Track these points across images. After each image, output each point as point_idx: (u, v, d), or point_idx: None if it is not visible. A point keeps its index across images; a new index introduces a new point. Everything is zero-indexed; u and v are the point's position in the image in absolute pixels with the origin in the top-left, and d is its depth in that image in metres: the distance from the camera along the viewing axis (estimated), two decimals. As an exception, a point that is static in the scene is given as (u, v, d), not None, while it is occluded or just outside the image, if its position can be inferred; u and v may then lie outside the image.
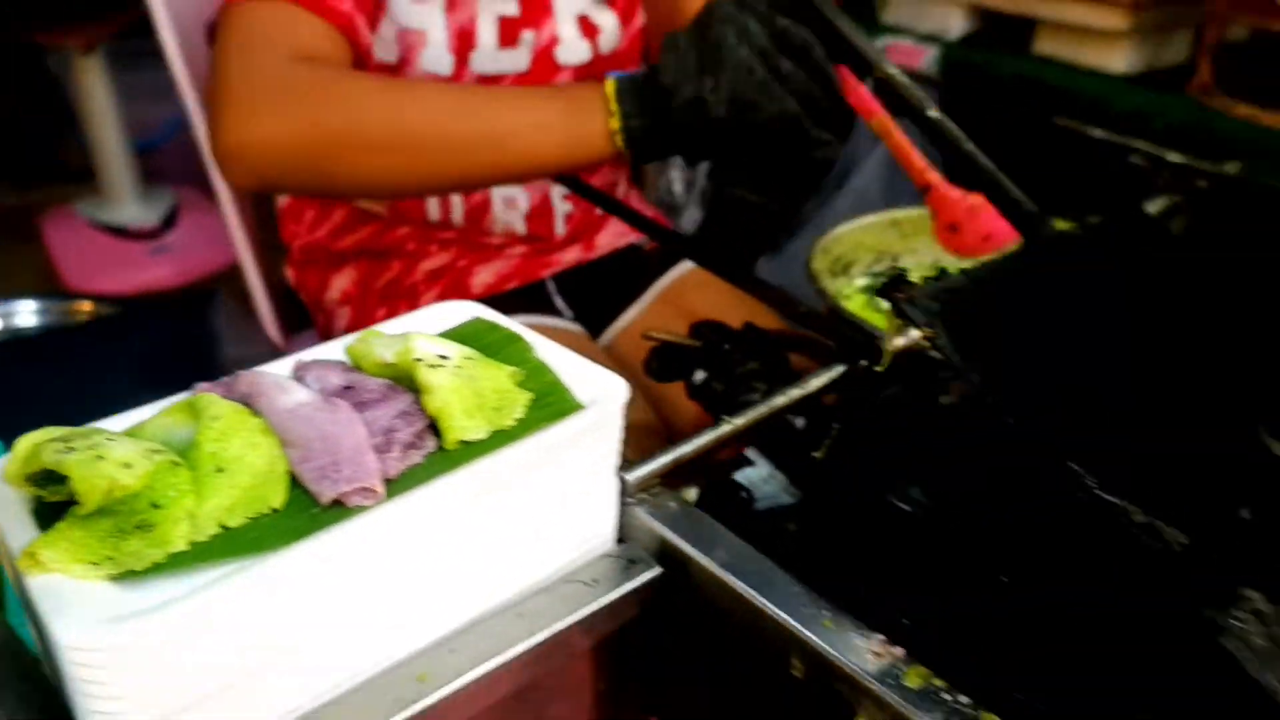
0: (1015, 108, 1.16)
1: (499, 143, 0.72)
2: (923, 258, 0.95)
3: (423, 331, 0.53)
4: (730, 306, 0.89)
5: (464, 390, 0.47)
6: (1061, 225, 0.76)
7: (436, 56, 0.87)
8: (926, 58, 1.33)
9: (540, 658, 0.46)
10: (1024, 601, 0.47)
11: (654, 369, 0.84)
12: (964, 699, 0.42)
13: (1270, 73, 1.28)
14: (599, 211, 1.07)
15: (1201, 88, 1.21)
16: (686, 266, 1.08)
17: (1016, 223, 0.53)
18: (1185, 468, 0.45)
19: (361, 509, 0.41)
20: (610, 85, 0.70)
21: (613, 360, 1.03)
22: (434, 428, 0.47)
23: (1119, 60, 1.29)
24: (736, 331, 0.82)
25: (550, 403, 0.48)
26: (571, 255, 1.06)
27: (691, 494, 0.60)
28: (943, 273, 0.48)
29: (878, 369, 0.58)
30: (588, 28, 0.95)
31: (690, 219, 1.61)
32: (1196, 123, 1.16)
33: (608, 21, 0.96)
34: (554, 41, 0.93)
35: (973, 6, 1.38)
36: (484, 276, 1.01)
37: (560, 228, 1.03)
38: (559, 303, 1.06)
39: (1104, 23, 1.26)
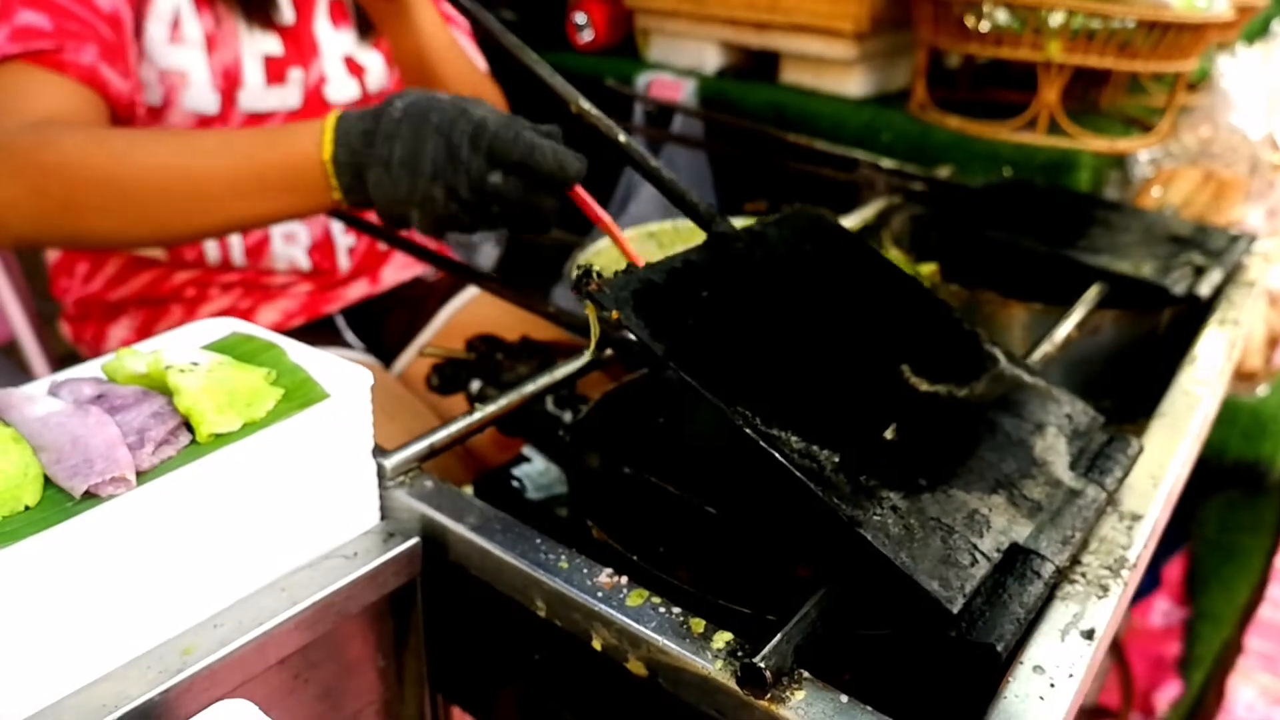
0: (763, 130, 1.29)
1: (212, 196, 0.74)
2: (681, 265, 1.04)
3: (178, 345, 0.56)
4: (511, 325, 0.96)
5: (215, 389, 0.52)
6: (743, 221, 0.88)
7: (201, 96, 0.91)
8: (685, 90, 1.45)
9: (303, 626, 0.50)
10: (721, 528, 0.54)
11: (435, 384, 0.90)
12: (676, 609, 0.49)
13: (975, 92, 1.47)
14: (382, 245, 1.11)
15: (919, 105, 1.37)
16: (471, 293, 1.14)
17: (698, 222, 0.62)
18: (839, 402, 0.54)
19: (114, 497, 0.45)
20: (328, 160, 0.72)
21: (406, 387, 1.07)
22: (190, 427, 0.51)
23: (853, 86, 1.44)
24: (509, 343, 0.89)
25: (300, 395, 0.53)
26: (358, 290, 1.10)
27: (467, 489, 0.65)
28: (629, 267, 0.55)
29: (589, 354, 0.65)
30: (354, 67, 1.00)
31: (487, 255, 1.68)
32: (917, 135, 1.31)
33: (373, 62, 1.02)
34: (323, 80, 0.97)
35: (725, 43, 1.52)
36: (269, 315, 1.03)
37: (344, 261, 1.07)
38: (349, 336, 1.09)
39: (835, 53, 1.41)
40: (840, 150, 1.18)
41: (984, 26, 1.25)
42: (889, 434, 0.53)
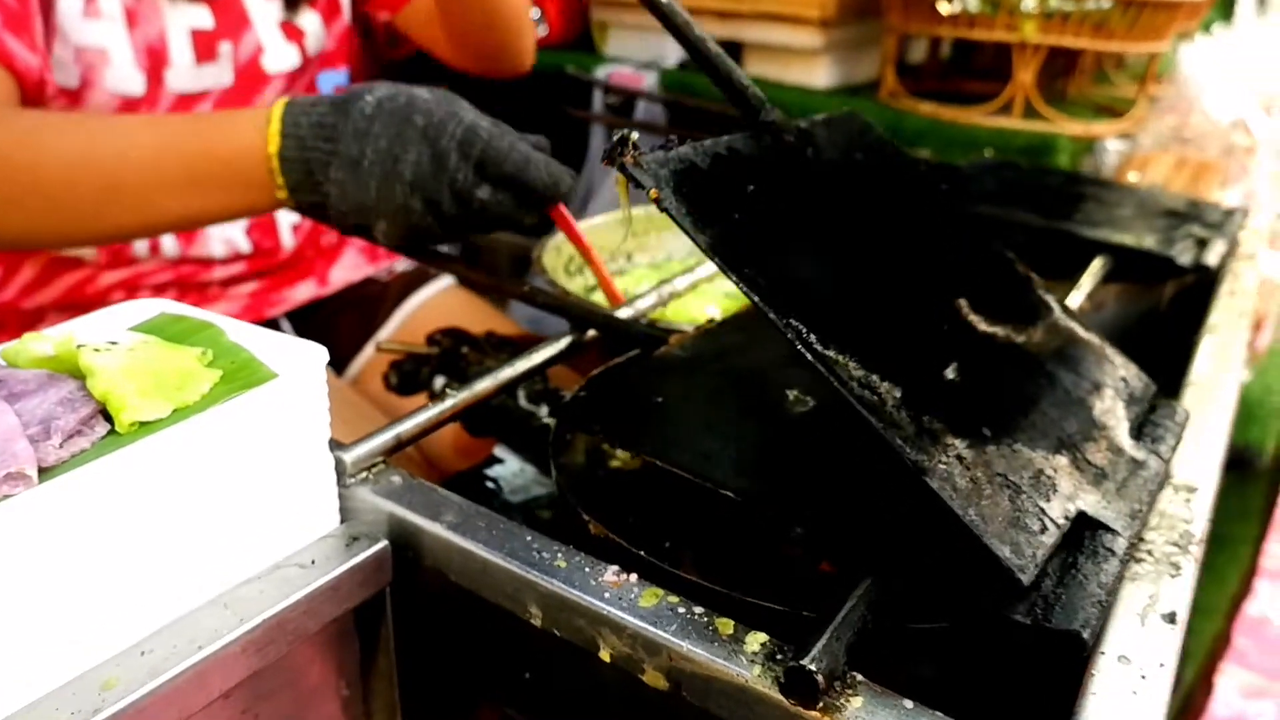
0: (731, 112, 1.23)
1: (128, 190, 0.65)
2: (654, 255, 0.97)
3: (95, 326, 0.48)
4: (473, 325, 0.88)
5: (138, 371, 0.43)
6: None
7: (124, 76, 0.82)
8: (647, 82, 1.39)
9: (252, 650, 0.42)
10: (742, 515, 0.47)
11: (394, 383, 0.81)
12: (698, 609, 0.42)
13: (942, 82, 1.44)
14: (331, 236, 1.03)
15: (890, 93, 1.33)
16: (429, 292, 1.06)
17: (743, 108, 0.53)
18: (897, 331, 0.46)
19: (9, 497, 0.36)
20: (275, 162, 0.64)
21: (359, 394, 0.99)
22: (109, 415, 0.42)
23: (820, 77, 1.40)
24: (475, 336, 0.81)
25: (241, 377, 0.45)
26: (304, 291, 1.01)
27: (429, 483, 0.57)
28: (668, 141, 0.47)
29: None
30: (292, 32, 0.92)
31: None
32: (890, 122, 1.27)
33: (311, 23, 0.93)
34: (259, 50, 0.89)
35: (684, 36, 1.46)
36: (207, 319, 0.94)
37: (288, 240, 0.98)
38: (287, 335, 1.00)
39: (801, 42, 1.36)
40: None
41: (955, 9, 1.21)
42: (950, 373, 0.46)
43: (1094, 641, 0.39)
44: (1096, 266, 0.81)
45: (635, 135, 0.43)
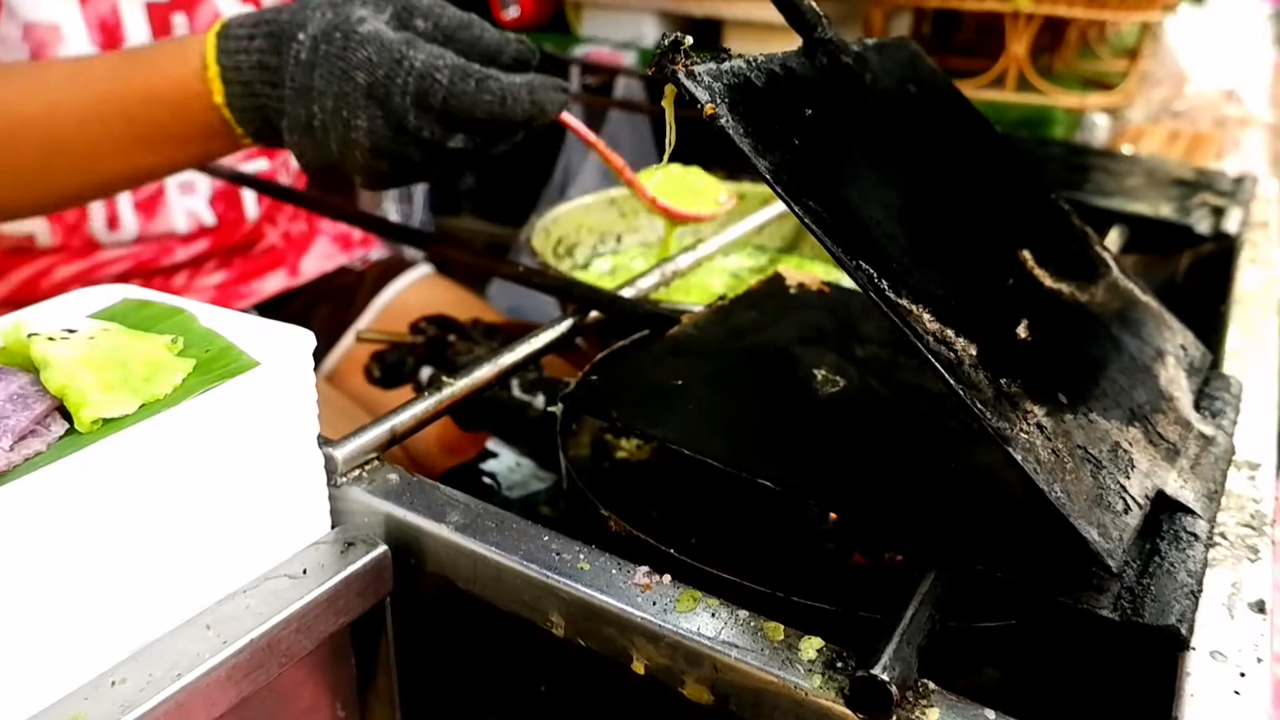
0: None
1: (70, 143, 0.58)
2: (646, 235, 0.93)
3: (50, 313, 0.43)
4: (455, 311, 0.83)
5: (101, 362, 0.38)
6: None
7: (78, 53, 0.76)
8: (626, 62, 1.35)
9: (238, 675, 0.37)
10: (776, 501, 0.43)
11: (377, 376, 0.76)
12: (743, 612, 0.37)
13: (931, 56, 1.40)
14: (302, 224, 0.97)
15: (878, 67, 1.29)
16: (405, 281, 1.00)
17: (796, 22, 0.47)
18: (968, 282, 0.41)
19: (-50, 509, 0.31)
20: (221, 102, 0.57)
21: (337, 390, 0.93)
22: (67, 412, 0.37)
23: (803, 53, 1.35)
24: (462, 324, 0.76)
25: (217, 366, 0.40)
26: (275, 283, 0.96)
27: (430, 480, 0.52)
28: (724, 52, 0.42)
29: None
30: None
31: (409, 251, 1.54)
32: (879, 98, 1.23)
33: None
34: (216, 19, 0.83)
35: (664, 13, 1.42)
36: (171, 313, 0.88)
37: (252, 210, 0.92)
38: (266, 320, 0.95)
39: (782, 17, 1.32)
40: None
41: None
42: (1022, 331, 0.41)
43: (1190, 635, 0.35)
44: (1115, 237, 0.77)
45: (689, 39, 0.37)
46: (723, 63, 0.39)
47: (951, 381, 0.35)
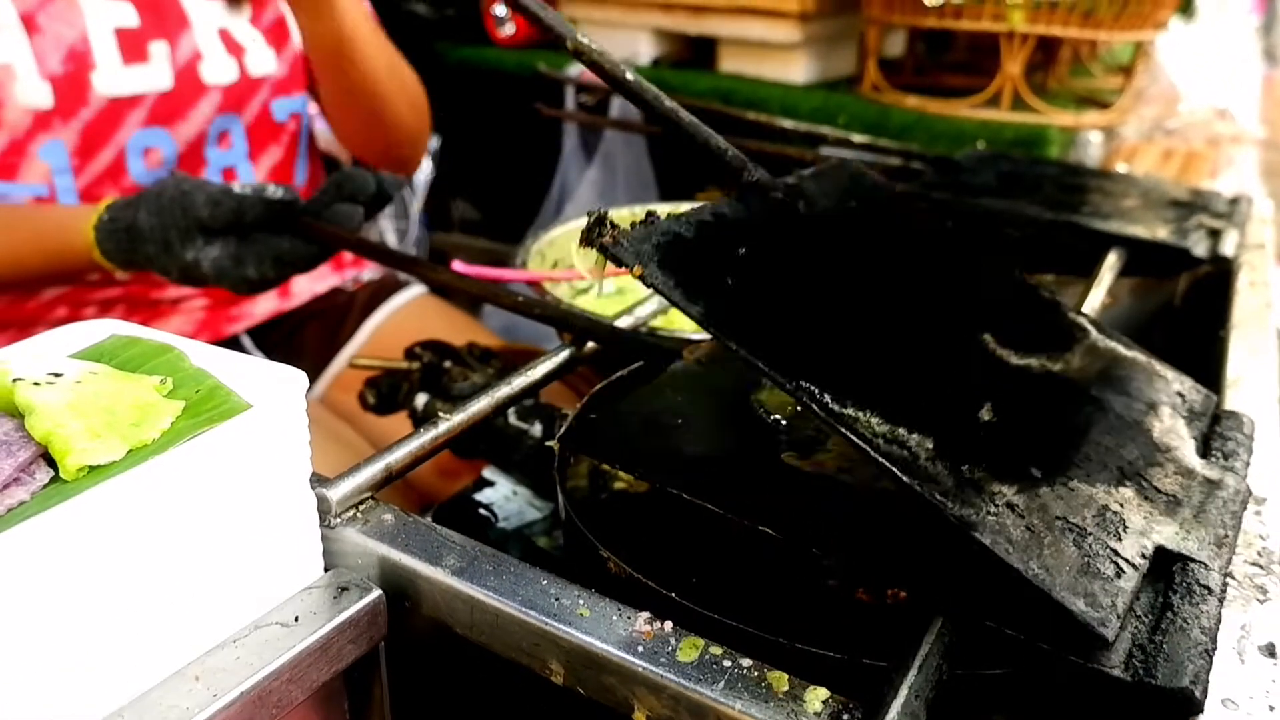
0: (713, 107, 1.18)
1: None
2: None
3: (34, 353, 0.42)
4: (449, 333, 0.82)
5: (87, 407, 0.37)
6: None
7: (31, 88, 0.75)
8: (620, 80, 1.34)
9: (230, 728, 0.36)
10: (780, 546, 0.42)
11: (371, 403, 0.75)
12: (746, 661, 0.37)
13: (919, 77, 1.40)
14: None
15: (872, 86, 1.29)
16: (398, 302, 0.99)
17: (726, 169, 0.50)
18: (920, 377, 0.42)
19: (-70, 566, 0.30)
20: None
21: (329, 412, 0.92)
22: (52, 460, 0.36)
23: (797, 72, 1.35)
24: (456, 349, 0.75)
25: (208, 408, 0.39)
26: (266, 305, 0.95)
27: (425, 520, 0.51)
28: (650, 216, 0.44)
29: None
30: (231, 44, 0.85)
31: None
32: (874, 116, 1.23)
33: (252, 40, 0.87)
34: (197, 57, 0.83)
35: (659, 31, 1.41)
36: (161, 338, 0.87)
37: None
38: (258, 359, 0.93)
39: (778, 36, 1.32)
40: (805, 126, 1.08)
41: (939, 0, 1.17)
42: (985, 414, 0.41)
43: (1204, 697, 0.34)
44: (1113, 260, 0.77)
45: (611, 213, 0.41)
46: (652, 224, 0.42)
47: (905, 479, 0.35)
